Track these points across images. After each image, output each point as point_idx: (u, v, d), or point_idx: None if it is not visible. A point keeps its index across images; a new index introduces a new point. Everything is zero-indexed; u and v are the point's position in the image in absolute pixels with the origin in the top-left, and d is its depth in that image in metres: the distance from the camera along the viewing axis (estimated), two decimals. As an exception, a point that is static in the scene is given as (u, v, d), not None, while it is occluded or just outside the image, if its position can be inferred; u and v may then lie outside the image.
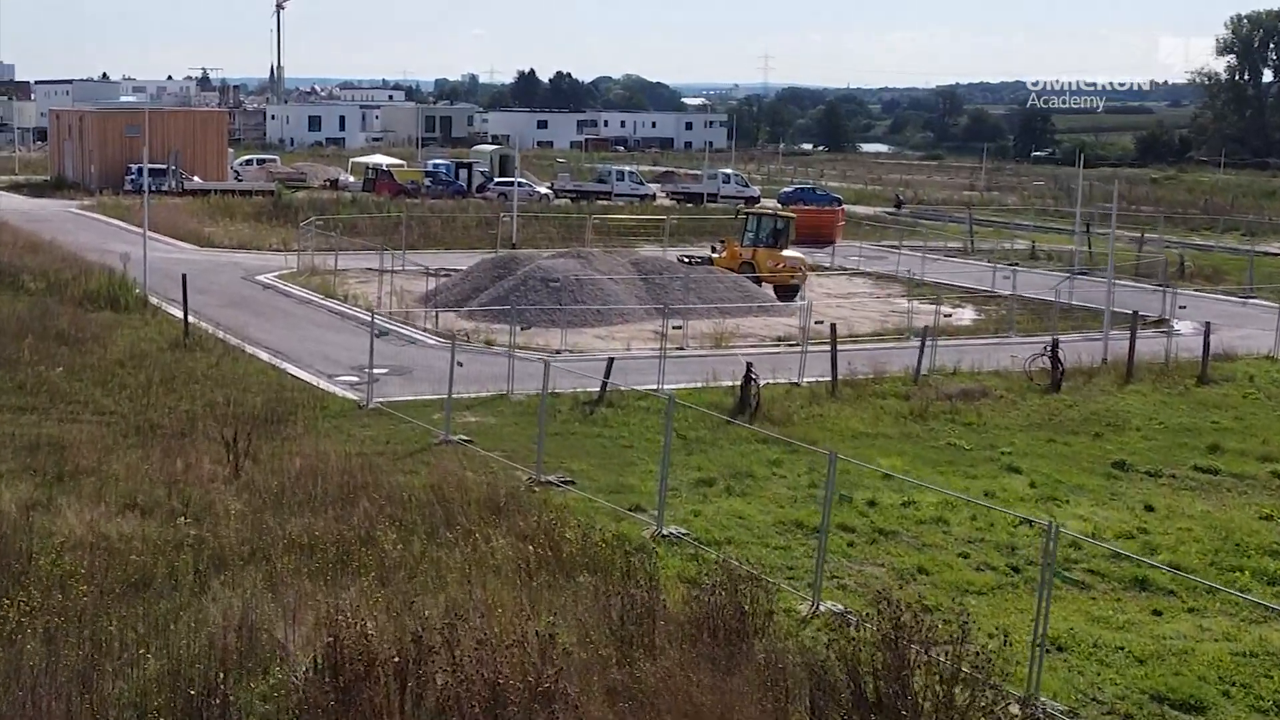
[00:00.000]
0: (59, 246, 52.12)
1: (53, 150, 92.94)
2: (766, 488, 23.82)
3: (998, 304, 47.59)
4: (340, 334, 37.98)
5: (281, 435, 25.91)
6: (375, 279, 46.92)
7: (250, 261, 51.53)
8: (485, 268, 43.62)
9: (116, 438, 25.33)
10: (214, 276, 47.52)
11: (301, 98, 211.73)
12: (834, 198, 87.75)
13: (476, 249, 56.59)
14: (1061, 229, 76.21)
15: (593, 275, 41.48)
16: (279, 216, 64.47)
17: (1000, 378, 34.17)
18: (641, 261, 44.06)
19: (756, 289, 44.68)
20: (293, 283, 46.32)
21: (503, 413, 29.13)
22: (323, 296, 43.67)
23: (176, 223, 60.72)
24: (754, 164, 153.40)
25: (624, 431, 27.63)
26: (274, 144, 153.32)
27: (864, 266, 56.73)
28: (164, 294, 42.66)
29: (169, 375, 30.42)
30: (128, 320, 37.92)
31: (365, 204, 68.40)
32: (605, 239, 60.11)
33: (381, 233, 58.32)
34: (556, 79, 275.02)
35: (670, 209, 74.93)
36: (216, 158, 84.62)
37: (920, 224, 74.17)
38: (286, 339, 36.74)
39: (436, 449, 25.68)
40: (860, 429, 28.58)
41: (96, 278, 41.80)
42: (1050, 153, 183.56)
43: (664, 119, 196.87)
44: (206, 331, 36.63)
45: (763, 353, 37.57)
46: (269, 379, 31.16)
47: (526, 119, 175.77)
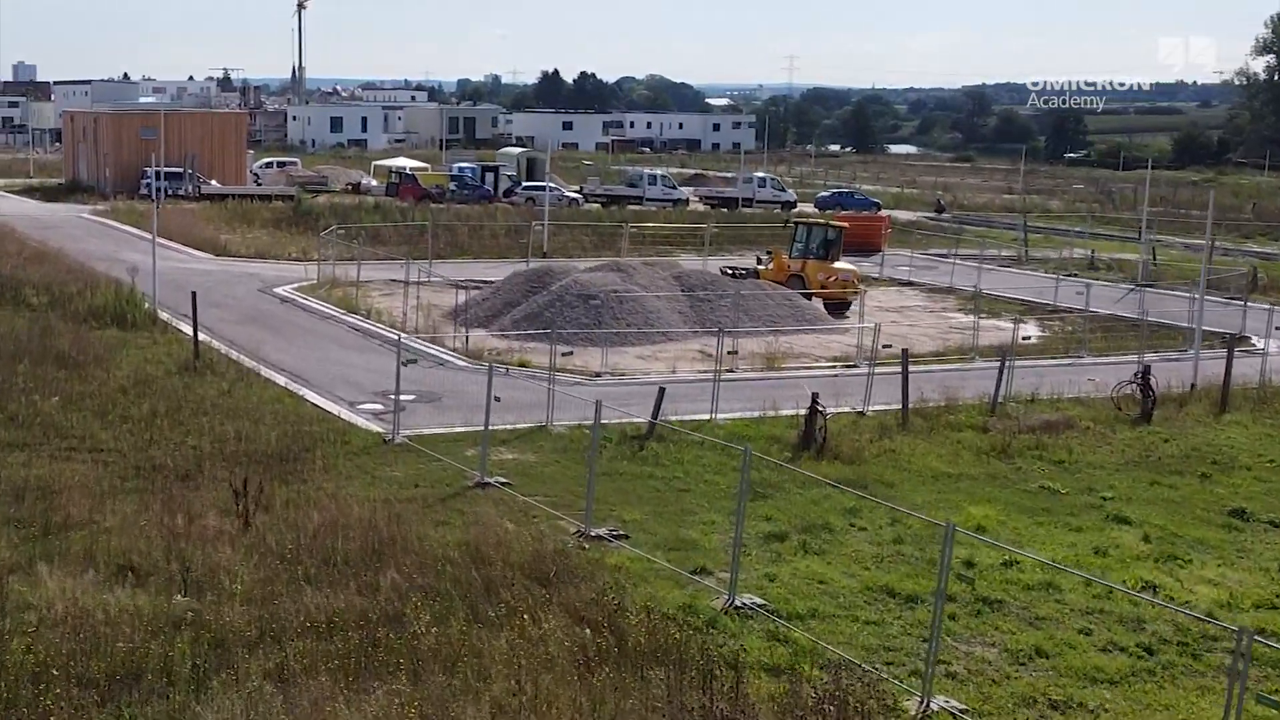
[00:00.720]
0: (66, 256, 49.55)
1: (67, 153, 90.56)
2: (846, 542, 21.00)
3: (1062, 319, 44.68)
4: (363, 354, 35.27)
5: (298, 477, 23.23)
6: (399, 292, 44.21)
7: (268, 272, 48.89)
8: (518, 281, 40.86)
9: (114, 480, 22.67)
10: (229, 289, 44.88)
11: (323, 98, 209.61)
12: (873, 202, 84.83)
13: (506, 258, 53.86)
14: (1112, 235, 73.04)
15: (633, 290, 38.70)
16: (299, 223, 61.87)
17: (1083, 406, 31.27)
18: (684, 275, 41.26)
19: (807, 304, 41.85)
20: (312, 296, 43.65)
21: (542, 448, 26.36)
22: (344, 311, 40.97)
23: (192, 230, 58.12)
24: (784, 166, 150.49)
25: (678, 471, 24.82)
26: (295, 145, 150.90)
27: (913, 277, 53.76)
28: (175, 308, 40.03)
29: (175, 405, 27.73)
30: (135, 339, 35.26)
31: (389, 210, 65.69)
32: (640, 247, 57.34)
33: (406, 241, 55.65)
34: (580, 79, 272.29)
35: (705, 215, 71.96)
36: (235, 161, 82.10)
37: (965, 230, 71.14)
38: (305, 360, 34.03)
39: (471, 494, 22.94)
40: (939, 468, 25.71)
41: (103, 291, 39.17)
42: (1085, 154, 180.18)
43: (690, 120, 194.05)
44: (219, 352, 33.97)
45: (820, 375, 34.73)
46: (285, 408, 28.44)
47: (551, 120, 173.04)
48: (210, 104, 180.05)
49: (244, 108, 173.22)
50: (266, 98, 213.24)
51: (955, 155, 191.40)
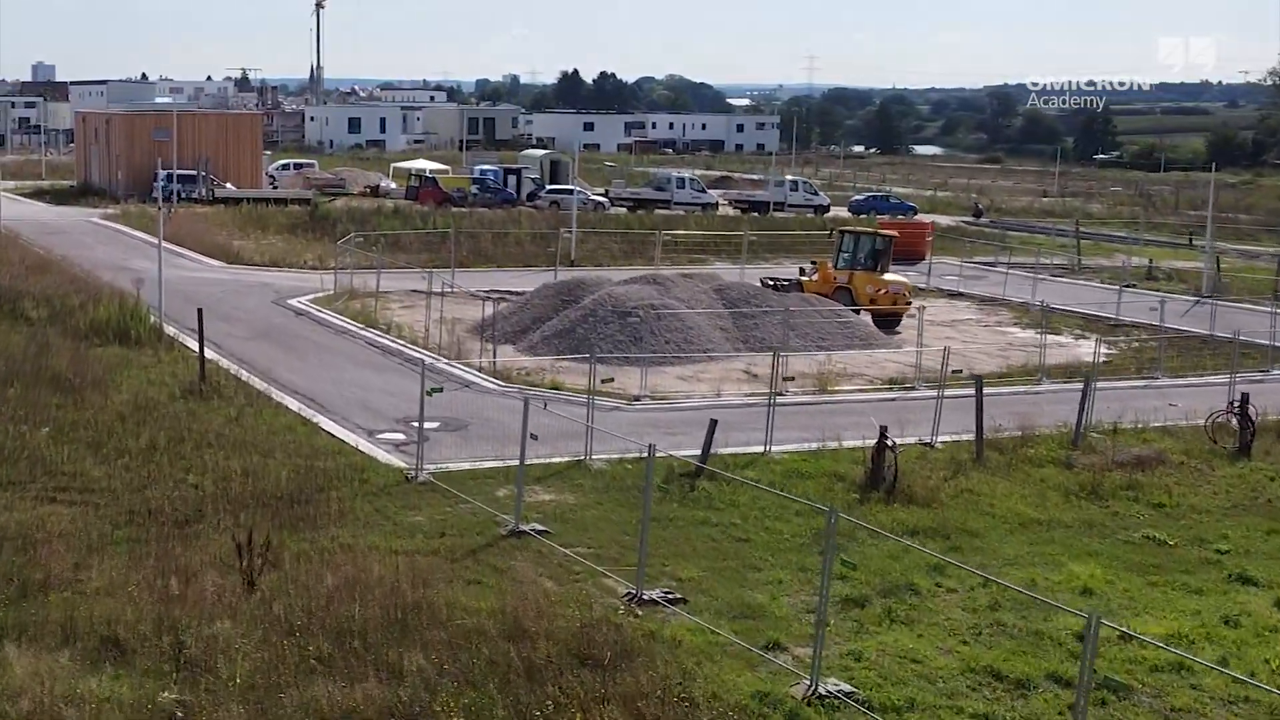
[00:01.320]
0: (71, 264, 47.14)
1: (79, 155, 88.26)
2: (936, 608, 18.34)
3: (1127, 334, 41.97)
4: (382, 374, 32.70)
5: (311, 523, 20.68)
6: (421, 304, 41.68)
7: (283, 281, 46.37)
8: (548, 294, 38.27)
9: (104, 528, 20.17)
10: (241, 300, 42.38)
11: (341, 99, 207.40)
12: (909, 206, 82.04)
13: (532, 267, 51.27)
14: (1160, 242, 70.09)
15: (672, 305, 36.08)
16: (315, 229, 59.37)
17: (1171, 436, 28.55)
18: (725, 288, 38.58)
19: (857, 319, 39.16)
20: (329, 308, 41.12)
21: (581, 487, 23.76)
22: (362, 326, 38.43)
23: (204, 235, 55.67)
24: (810, 168, 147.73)
25: (734, 516, 22.19)
26: (313, 146, 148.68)
27: (962, 287, 51.00)
28: (183, 322, 37.55)
29: (177, 435, 25.20)
30: (138, 357, 32.76)
31: (409, 215, 63.12)
32: (672, 255, 54.69)
33: (427, 248, 53.12)
34: (600, 79, 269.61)
35: (736, 220, 69.20)
36: (250, 163, 79.69)
37: (1008, 236, 68.32)
38: (320, 381, 31.48)
39: (505, 544, 20.35)
40: (1026, 513, 23.02)
41: (106, 304, 36.67)
42: (1117, 156, 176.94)
43: (714, 121, 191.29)
44: (227, 373, 31.47)
45: (876, 400, 32.10)
46: (298, 438, 25.88)
47: (572, 121, 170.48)
48: (228, 104, 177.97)
49: (261, 108, 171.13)
50: (284, 98, 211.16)
51: (983, 156, 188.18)
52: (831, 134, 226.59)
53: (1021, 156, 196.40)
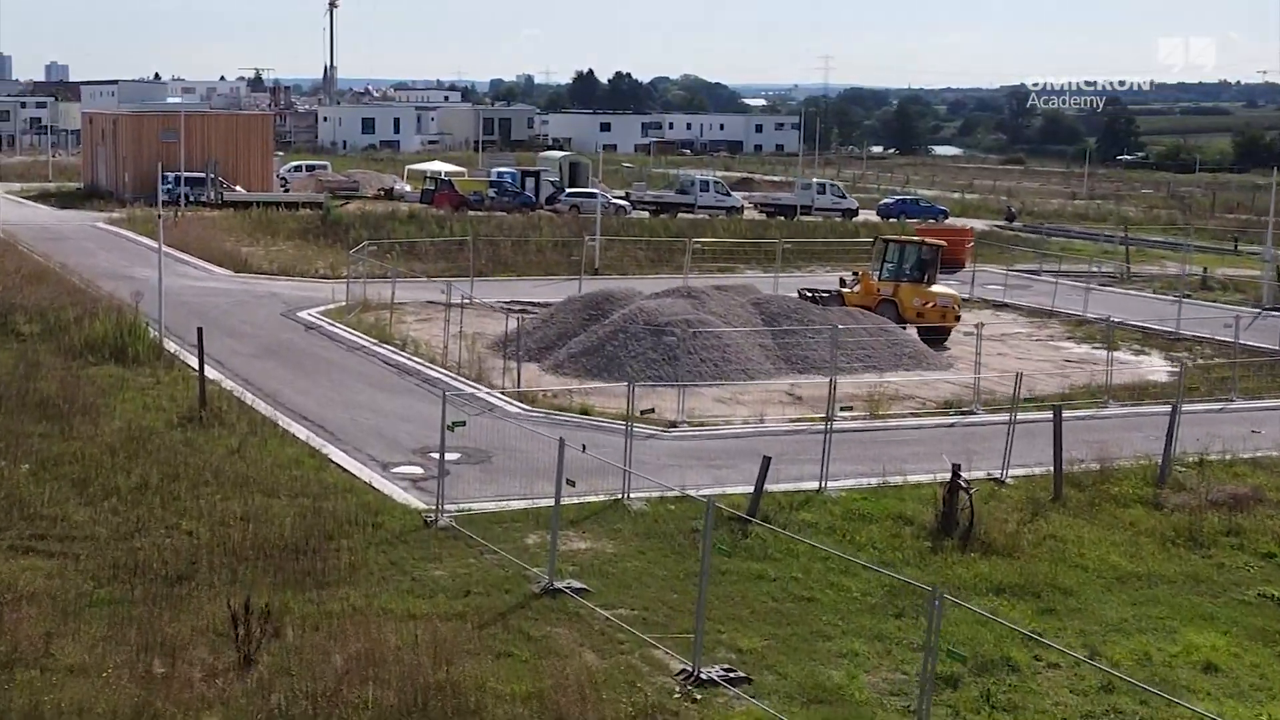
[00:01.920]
0: (70, 273, 44.84)
1: (85, 156, 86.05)
2: (1040, 689, 15.88)
3: (1189, 350, 39.44)
4: (397, 397, 30.29)
5: (318, 579, 18.29)
6: (438, 316, 39.36)
7: (292, 292, 43.98)
8: (574, 308, 35.82)
9: (84, 586, 17.81)
10: (248, 312, 40.00)
11: (355, 99, 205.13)
12: (940, 210, 79.43)
13: (554, 276, 48.82)
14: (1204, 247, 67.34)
15: (707, 320, 33.62)
16: (327, 234, 56.99)
17: (1263, 470, 26.05)
18: (764, 301, 36.08)
19: (905, 335, 36.66)
20: (341, 322, 38.72)
21: (620, 533, 21.31)
22: (376, 342, 36.02)
23: (211, 242, 53.33)
24: (831, 169, 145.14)
25: (794, 569, 19.71)
26: (326, 147, 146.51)
27: (1007, 297, 48.40)
28: (185, 338, 35.20)
29: (172, 471, 22.83)
30: (135, 378, 30.40)
31: (424, 219, 60.65)
32: (699, 263, 52.20)
33: (444, 256, 50.72)
34: (616, 79, 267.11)
35: (764, 225, 66.55)
36: (261, 165, 77.38)
37: (1047, 242, 65.68)
38: (331, 405, 29.07)
39: (537, 605, 17.92)
40: (1121, 564, 20.52)
41: (103, 318, 34.29)
42: (1143, 156, 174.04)
43: (732, 121, 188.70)
44: (230, 396, 29.11)
45: (933, 425, 29.61)
46: (305, 473, 23.48)
47: (589, 121, 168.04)
48: (240, 105, 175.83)
49: (274, 108, 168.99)
50: (297, 98, 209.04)
51: (1005, 157, 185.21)
52: (850, 134, 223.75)
53: (1043, 157, 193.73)
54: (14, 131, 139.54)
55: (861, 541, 21.06)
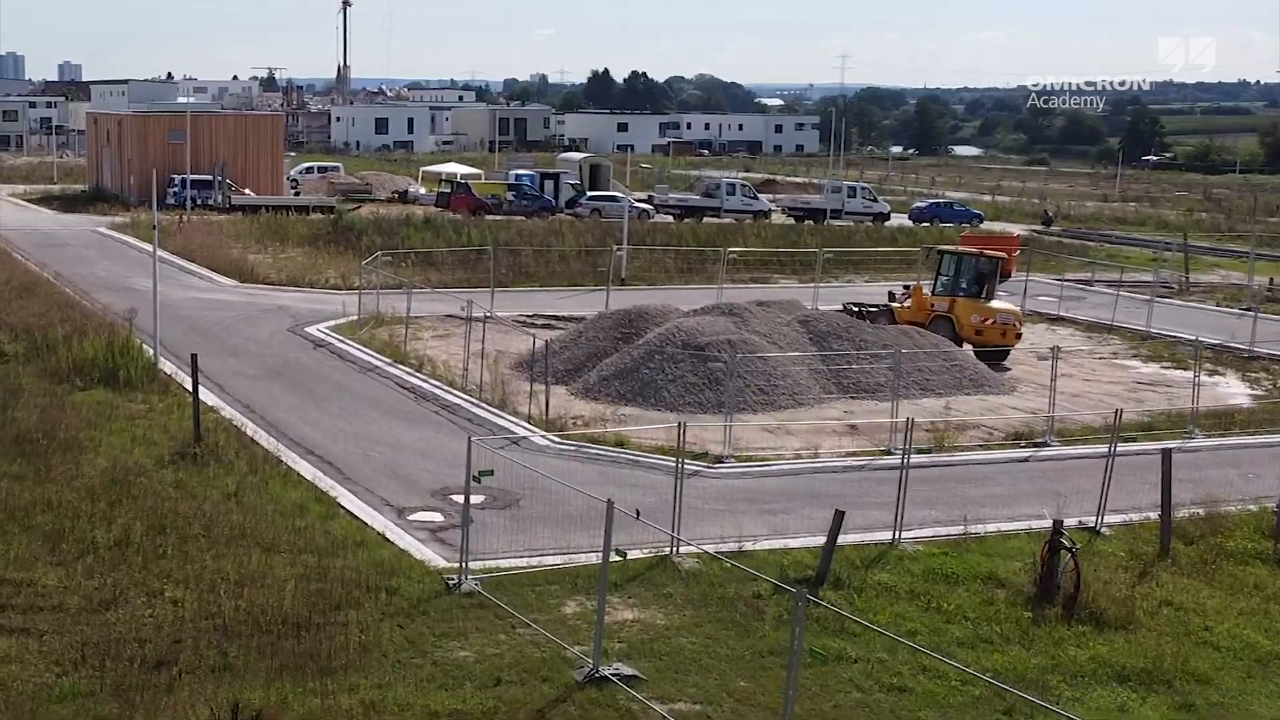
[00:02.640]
0: (65, 284, 42.26)
1: (90, 158, 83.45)
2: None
3: (1267, 370, 36.53)
4: (414, 426, 27.51)
5: (321, 662, 15.54)
6: (457, 331, 36.61)
7: (301, 305, 41.22)
8: (605, 325, 33.02)
9: (44, 674, 15.08)
10: (253, 328, 37.25)
11: (368, 99, 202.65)
12: (975, 214, 76.43)
13: (579, 287, 45.98)
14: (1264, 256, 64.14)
15: (751, 340, 30.80)
16: (339, 240, 54.23)
17: (1389, 518, 23.08)
18: (811, 319, 33.22)
19: (964, 355, 33.78)
20: (352, 338, 35.96)
21: (671, 599, 18.51)
22: (390, 361, 33.25)
23: (216, 249, 50.61)
24: (854, 171, 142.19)
25: (878, 646, 16.86)
26: (339, 147, 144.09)
27: (1062, 310, 45.41)
28: (184, 357, 32.43)
29: (160, 521, 20.11)
30: (126, 405, 27.67)
31: (440, 225, 57.78)
32: (732, 272, 49.34)
33: (462, 264, 47.92)
34: (631, 79, 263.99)
35: (798, 231, 63.45)
36: (271, 167, 74.66)
37: (1092, 248, 62.67)
38: (341, 437, 26.31)
39: (582, 699, 15.13)
40: (1259, 642, 17.66)
41: (94, 337, 31.55)
42: (1170, 157, 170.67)
43: (751, 121, 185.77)
44: (230, 426, 26.41)
45: (1005, 459, 26.75)
46: (310, 522, 20.74)
47: (606, 121, 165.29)
48: (252, 104, 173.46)
49: (286, 108, 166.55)
50: (310, 98, 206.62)
51: (1028, 158, 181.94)
52: (869, 135, 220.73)
53: (1065, 158, 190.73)
54: (22, 132, 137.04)
55: (950, 610, 18.24)
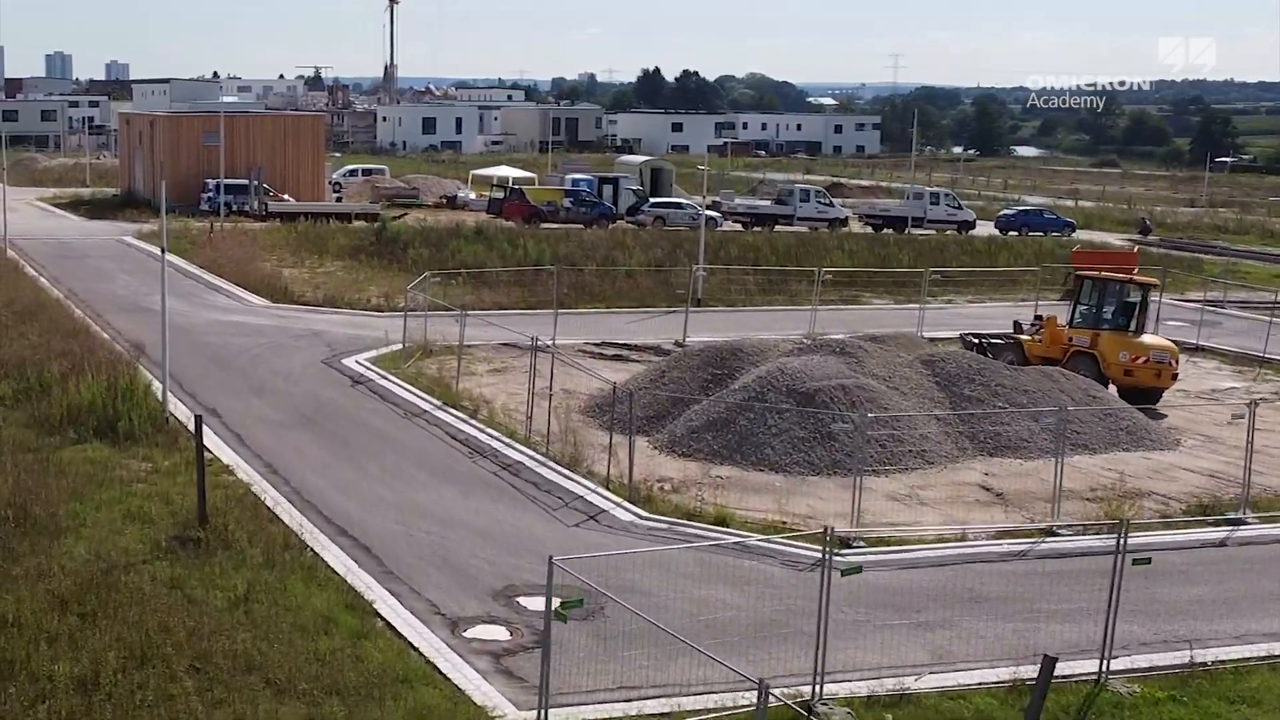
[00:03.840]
0: (77, 305, 37.83)
1: (122, 161, 79.23)
2: None
3: None
4: (470, 493, 22.70)
5: None
6: (515, 362, 31.94)
7: (339, 329, 36.53)
8: (691, 365, 28.09)
9: None
10: (283, 359, 32.54)
11: (415, 98, 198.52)
12: (1066, 222, 70.98)
13: (650, 309, 41.07)
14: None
15: (869, 386, 25.81)
16: (383, 252, 49.51)
17: None
18: (935, 360, 28.12)
19: (1117, 402, 28.56)
20: (396, 373, 31.20)
21: (825, 777, 13.53)
22: (440, 404, 28.44)
23: (248, 263, 46.08)
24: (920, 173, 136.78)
25: None
26: (385, 148, 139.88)
27: (1199, 337, 40.01)
28: (200, 395, 27.96)
29: (142, 646, 15.39)
30: (123, 464, 23.03)
31: (493, 234, 52.87)
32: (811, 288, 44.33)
33: (518, 281, 43.12)
34: (683, 78, 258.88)
35: (881, 242, 57.95)
36: (312, 170, 70.18)
37: (1206, 262, 57.21)
38: (380, 508, 21.56)
39: None
40: None
41: (94, 378, 26.88)
42: (1250, 159, 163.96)
43: (810, 121, 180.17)
44: (247, 492, 21.73)
45: (1197, 543, 21.65)
46: (337, 644, 16.00)
47: (660, 122, 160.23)
48: (296, 104, 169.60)
49: (331, 107, 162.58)
50: (356, 97, 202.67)
51: (1096, 159, 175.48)
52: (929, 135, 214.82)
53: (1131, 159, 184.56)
54: (60, 132, 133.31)
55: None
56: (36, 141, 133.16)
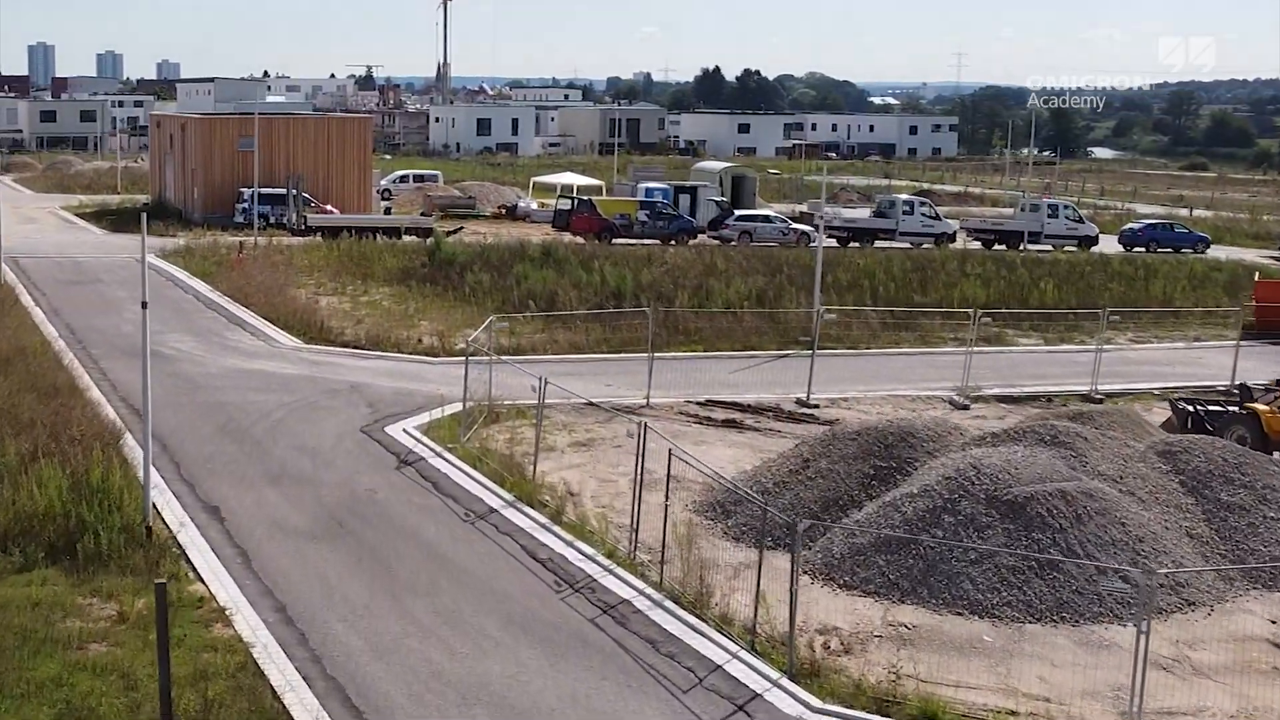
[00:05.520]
0: (71, 346, 31.48)
1: (153, 167, 73.09)
2: None
3: None
4: (562, 665, 15.98)
5: None
6: (599, 427, 25.26)
7: (383, 381, 29.88)
8: (846, 453, 21.12)
9: None
10: (312, 427, 25.90)
11: (469, 98, 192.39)
12: (1200, 237, 63.46)
13: (757, 353, 34.11)
14: None
15: (1099, 493, 18.86)
16: (437, 278, 42.87)
17: None
18: (1174, 450, 20.94)
19: None
20: (452, 450, 24.47)
21: None
22: (513, 498, 21.71)
23: (280, 290, 39.68)
24: (1001, 176, 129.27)
25: None
26: (438, 150, 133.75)
27: None
28: (204, 484, 21.52)
29: None
30: (77, 610, 16.57)
31: (563, 257, 45.74)
32: (941, 323, 37.33)
33: (597, 316, 36.38)
34: (744, 77, 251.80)
35: (1009, 264, 49.92)
36: (359, 178, 63.71)
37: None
38: (432, 694, 14.92)
39: None
40: None
41: (64, 462, 20.40)
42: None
43: (883, 122, 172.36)
44: (246, 656, 15.23)
45: None
46: None
47: (725, 122, 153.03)
48: (346, 104, 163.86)
49: (383, 107, 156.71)
50: (408, 97, 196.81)
51: (1186, 162, 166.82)
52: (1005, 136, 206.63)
53: (1215, 161, 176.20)
54: (100, 133, 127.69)
55: None
56: (75, 143, 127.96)
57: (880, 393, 30.14)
